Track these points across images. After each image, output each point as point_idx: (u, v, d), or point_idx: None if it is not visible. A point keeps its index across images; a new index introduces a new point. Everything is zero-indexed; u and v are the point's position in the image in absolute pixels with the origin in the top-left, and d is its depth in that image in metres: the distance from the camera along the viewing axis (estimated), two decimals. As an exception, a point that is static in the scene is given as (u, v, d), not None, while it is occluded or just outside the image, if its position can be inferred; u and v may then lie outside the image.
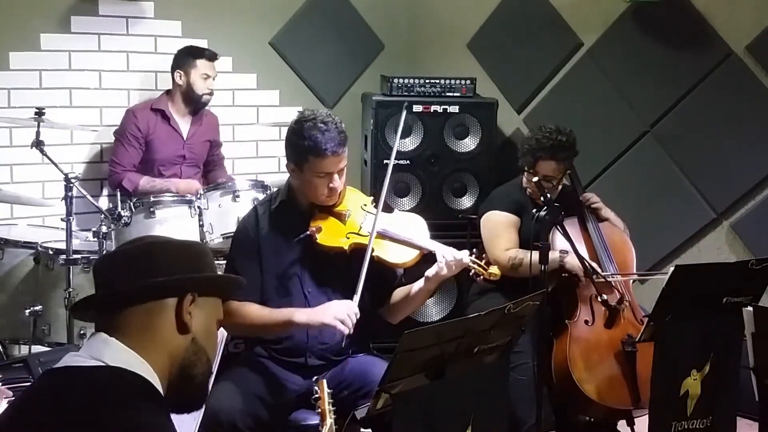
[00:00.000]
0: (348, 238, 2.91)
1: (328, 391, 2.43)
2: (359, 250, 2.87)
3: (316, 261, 2.94)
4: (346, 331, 2.73)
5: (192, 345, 1.63)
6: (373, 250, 2.88)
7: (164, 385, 1.58)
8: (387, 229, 2.95)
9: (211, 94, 4.44)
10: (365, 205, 3.03)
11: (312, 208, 2.96)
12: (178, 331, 1.60)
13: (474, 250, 2.91)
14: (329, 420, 2.36)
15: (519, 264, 3.52)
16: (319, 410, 2.39)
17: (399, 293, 3.01)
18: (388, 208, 3.12)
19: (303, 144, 2.83)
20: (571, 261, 3.41)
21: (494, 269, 2.86)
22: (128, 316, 1.58)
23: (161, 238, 1.74)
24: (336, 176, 2.87)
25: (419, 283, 2.92)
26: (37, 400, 1.53)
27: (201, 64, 4.38)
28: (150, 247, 1.66)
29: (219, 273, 1.77)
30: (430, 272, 2.85)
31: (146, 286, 1.59)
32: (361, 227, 2.94)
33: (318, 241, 2.88)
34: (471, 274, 2.87)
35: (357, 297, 2.81)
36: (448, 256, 2.81)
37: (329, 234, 2.91)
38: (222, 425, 2.64)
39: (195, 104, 4.44)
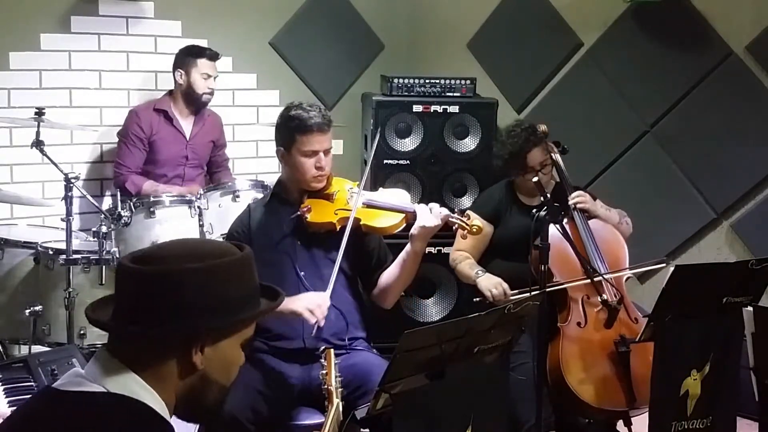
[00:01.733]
0: (336, 214, 3.06)
1: (336, 362, 2.43)
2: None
3: (308, 242, 3.08)
4: (313, 321, 2.83)
5: (200, 381, 1.53)
6: (360, 220, 3.04)
7: (170, 409, 1.52)
8: (371, 198, 3.14)
9: (211, 93, 4.44)
10: (351, 187, 3.19)
11: (301, 196, 3.10)
12: (179, 375, 1.51)
13: (455, 209, 3.10)
14: (336, 400, 2.33)
15: (454, 267, 3.76)
16: (326, 386, 2.36)
17: (387, 272, 3.12)
18: (373, 187, 3.30)
19: (290, 125, 3.03)
20: (483, 282, 3.52)
21: (477, 221, 3.05)
22: (137, 344, 1.50)
23: (201, 258, 1.52)
24: (322, 155, 3.04)
25: (406, 248, 3.03)
26: (35, 425, 1.47)
27: (202, 63, 4.37)
28: (179, 275, 1.48)
29: (257, 306, 1.58)
30: (414, 230, 2.99)
31: (152, 329, 1.48)
32: (348, 202, 3.11)
33: (309, 220, 3.03)
34: (454, 228, 3.01)
35: (334, 274, 2.94)
36: (432, 210, 2.99)
37: (319, 212, 3.06)
38: (222, 419, 2.66)
39: (195, 104, 4.44)
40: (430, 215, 2.97)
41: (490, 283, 3.49)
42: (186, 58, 4.39)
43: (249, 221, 3.12)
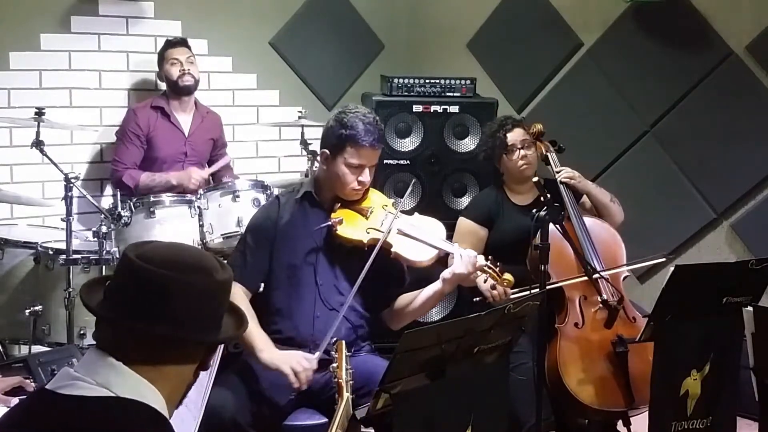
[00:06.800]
0: (368, 233, 2.95)
1: (347, 354, 2.42)
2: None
3: (332, 253, 2.99)
4: (296, 385, 2.75)
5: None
6: (391, 246, 2.92)
7: (170, 407, 1.55)
8: (407, 229, 2.99)
9: (187, 74, 4.39)
10: (386, 205, 3.07)
11: (334, 201, 3.01)
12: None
13: (490, 257, 2.95)
14: (346, 394, 2.33)
15: None
16: (336, 379, 2.36)
17: (404, 299, 3.05)
18: (408, 211, 3.15)
19: (343, 132, 2.92)
20: (482, 283, 3.39)
21: (508, 276, 2.91)
22: (137, 347, 1.51)
23: (180, 275, 1.53)
24: (367, 171, 2.95)
25: (434, 285, 2.95)
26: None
27: (168, 53, 4.39)
28: (167, 288, 1.51)
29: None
30: (446, 273, 2.90)
31: (163, 339, 1.51)
32: (382, 224, 2.98)
33: (338, 232, 2.93)
34: (484, 281, 2.92)
35: (348, 302, 2.84)
36: (465, 257, 2.87)
37: (350, 227, 2.95)
38: (223, 422, 2.66)
39: (178, 91, 4.41)
40: (465, 262, 2.86)
41: (490, 283, 3.46)
42: (159, 55, 4.45)
43: (277, 218, 3.01)
